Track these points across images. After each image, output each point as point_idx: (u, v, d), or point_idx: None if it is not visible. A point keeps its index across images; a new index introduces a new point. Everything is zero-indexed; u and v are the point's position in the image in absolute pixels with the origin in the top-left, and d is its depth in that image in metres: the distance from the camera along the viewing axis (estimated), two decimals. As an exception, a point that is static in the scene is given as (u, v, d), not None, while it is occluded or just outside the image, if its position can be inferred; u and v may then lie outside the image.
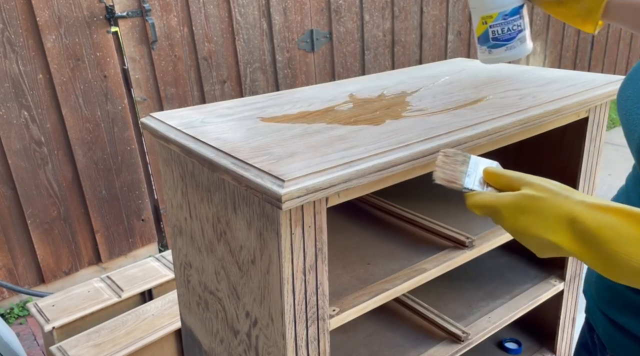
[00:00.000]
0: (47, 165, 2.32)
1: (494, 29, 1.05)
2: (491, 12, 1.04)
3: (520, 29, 1.05)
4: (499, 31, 1.05)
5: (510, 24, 1.04)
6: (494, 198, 0.64)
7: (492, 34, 1.06)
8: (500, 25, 1.04)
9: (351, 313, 0.86)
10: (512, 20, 1.04)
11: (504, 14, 1.03)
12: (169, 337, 1.59)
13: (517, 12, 1.03)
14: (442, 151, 0.72)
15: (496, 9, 1.03)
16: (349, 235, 1.10)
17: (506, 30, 1.04)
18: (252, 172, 0.71)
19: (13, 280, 2.35)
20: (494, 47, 1.07)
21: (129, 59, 2.45)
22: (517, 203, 0.61)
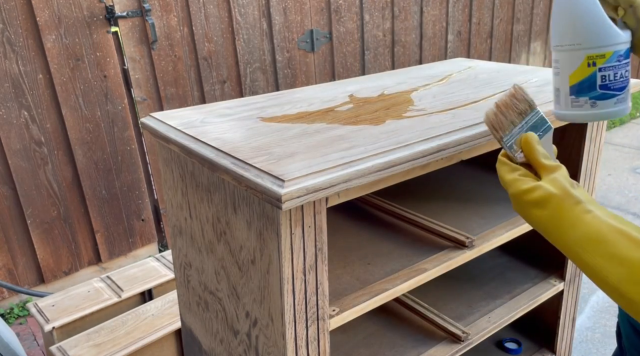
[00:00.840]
0: (47, 165, 2.32)
1: (605, 74, 0.78)
2: (604, 49, 0.77)
3: (627, 77, 0.81)
4: (611, 76, 0.78)
5: (623, 69, 0.79)
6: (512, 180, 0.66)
7: (602, 79, 0.79)
8: (613, 69, 0.78)
9: (351, 313, 0.86)
10: (625, 64, 0.79)
11: (618, 54, 0.78)
12: (169, 337, 1.59)
13: (628, 54, 0.79)
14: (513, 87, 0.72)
15: (611, 47, 0.77)
16: (349, 235, 1.10)
17: (619, 76, 0.79)
18: (252, 172, 0.71)
19: (13, 280, 2.35)
20: (601, 98, 0.80)
21: (129, 59, 2.45)
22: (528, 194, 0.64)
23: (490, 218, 1.12)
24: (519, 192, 0.65)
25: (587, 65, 0.78)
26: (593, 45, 0.77)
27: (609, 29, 0.76)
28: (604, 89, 0.79)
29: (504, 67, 1.30)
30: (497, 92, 1.06)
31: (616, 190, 3.43)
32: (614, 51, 0.77)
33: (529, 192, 0.64)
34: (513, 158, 0.72)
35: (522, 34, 4.22)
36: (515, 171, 0.68)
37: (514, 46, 4.19)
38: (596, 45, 0.77)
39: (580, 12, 0.77)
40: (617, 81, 0.79)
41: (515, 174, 0.67)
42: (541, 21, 4.32)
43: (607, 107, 0.80)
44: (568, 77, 0.80)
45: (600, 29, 0.76)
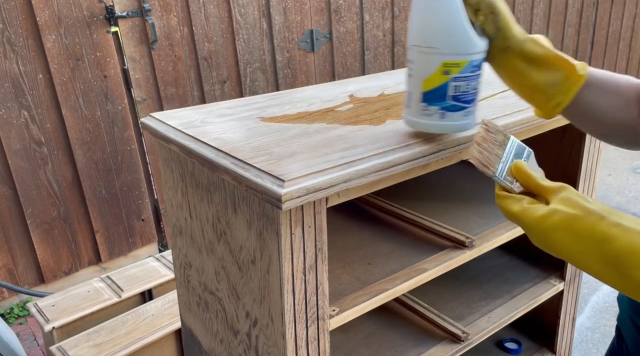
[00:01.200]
0: (47, 165, 2.32)
1: (458, 84, 0.72)
2: (460, 58, 0.71)
3: (479, 88, 0.75)
4: (463, 87, 0.73)
5: (475, 80, 0.73)
6: (522, 210, 0.62)
7: (454, 89, 0.73)
8: (467, 79, 0.72)
9: (351, 313, 0.86)
10: (478, 76, 0.74)
11: (473, 64, 0.72)
12: (169, 337, 1.59)
13: (480, 65, 0.74)
14: (484, 123, 0.68)
15: (467, 56, 0.71)
16: (349, 235, 1.10)
17: (471, 87, 0.73)
18: (252, 172, 0.71)
19: (13, 280, 2.35)
20: (450, 110, 0.74)
21: (129, 59, 2.45)
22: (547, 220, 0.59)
23: (490, 218, 1.12)
24: (536, 220, 0.60)
25: (442, 72, 0.72)
26: (450, 51, 0.71)
27: (468, 37, 0.70)
28: (454, 100, 0.73)
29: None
30: (497, 92, 1.06)
31: (616, 190, 3.43)
32: (469, 61, 0.71)
33: (546, 218, 0.59)
34: (511, 190, 0.67)
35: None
36: (521, 201, 0.63)
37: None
38: (453, 52, 0.71)
39: (442, 14, 0.70)
40: (469, 93, 0.73)
41: (524, 203, 0.62)
42: (541, 21, 4.32)
43: (455, 120, 0.75)
44: (422, 82, 0.74)
45: (459, 36, 0.70)
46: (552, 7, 4.36)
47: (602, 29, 4.91)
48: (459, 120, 0.75)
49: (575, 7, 4.56)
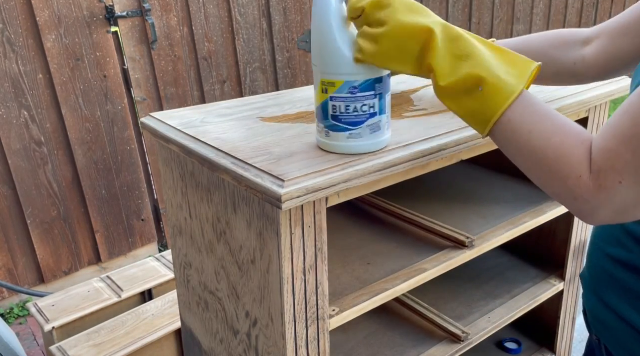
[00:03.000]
0: (47, 165, 2.32)
1: (336, 104, 0.72)
2: (334, 77, 0.70)
3: (373, 111, 0.72)
4: (342, 108, 0.72)
5: (359, 103, 0.71)
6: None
7: (333, 109, 0.72)
8: (345, 100, 0.71)
9: (351, 313, 0.86)
10: (363, 98, 0.71)
11: (351, 85, 0.70)
12: (169, 337, 1.59)
13: (371, 87, 0.71)
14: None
15: (341, 76, 0.70)
16: (349, 235, 1.10)
17: (352, 109, 0.71)
18: (252, 172, 0.71)
19: (13, 280, 2.35)
20: (333, 130, 0.74)
21: (129, 59, 2.45)
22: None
23: (490, 218, 1.12)
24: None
25: (322, 91, 0.72)
26: (325, 70, 0.71)
27: (340, 57, 0.69)
28: (335, 120, 0.73)
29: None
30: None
31: (616, 190, 3.42)
32: (344, 81, 0.70)
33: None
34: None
35: (522, 34, 4.22)
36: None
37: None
38: (327, 71, 0.71)
39: (320, 31, 0.70)
40: (350, 115, 0.72)
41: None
42: (541, 21, 4.32)
43: (339, 140, 0.74)
44: (315, 97, 0.75)
45: (332, 55, 0.70)
46: (552, 7, 4.36)
47: (602, 29, 4.91)
48: (343, 141, 0.74)
49: (575, 7, 4.56)
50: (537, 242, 1.33)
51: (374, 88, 0.71)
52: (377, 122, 0.74)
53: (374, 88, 0.71)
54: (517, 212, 1.14)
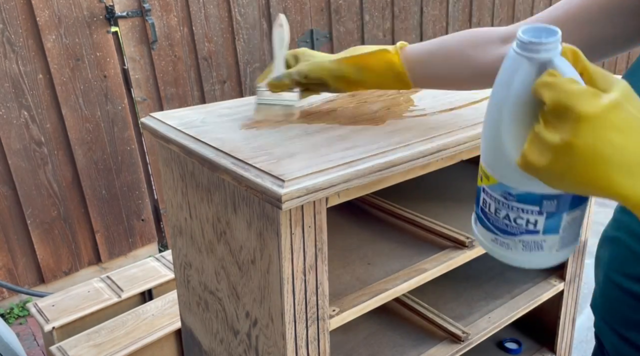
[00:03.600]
0: (47, 165, 2.32)
1: (486, 199, 0.56)
2: (490, 172, 0.54)
3: (532, 228, 0.53)
4: (491, 208, 0.55)
5: (512, 212, 0.53)
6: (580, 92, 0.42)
7: (483, 202, 0.57)
8: (495, 201, 0.54)
9: (351, 313, 0.86)
10: (520, 210, 0.53)
11: (506, 189, 0.52)
12: (169, 337, 1.59)
13: (536, 201, 0.51)
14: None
15: (497, 175, 0.53)
16: (349, 235, 1.10)
17: (502, 215, 0.54)
18: (252, 172, 0.71)
19: (13, 280, 2.35)
20: (481, 223, 0.59)
21: (129, 59, 2.45)
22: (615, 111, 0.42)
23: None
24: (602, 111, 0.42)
25: (479, 176, 0.57)
26: (484, 156, 0.55)
27: (498, 151, 0.51)
28: (482, 214, 0.58)
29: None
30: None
31: (616, 190, 3.42)
32: (498, 182, 0.53)
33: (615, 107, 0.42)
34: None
35: (522, 34, 4.22)
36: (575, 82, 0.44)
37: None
38: (485, 159, 0.55)
39: (492, 102, 0.52)
40: (500, 220, 0.55)
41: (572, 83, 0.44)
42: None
43: (484, 238, 0.58)
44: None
45: (491, 142, 0.52)
46: (552, 7, 4.36)
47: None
48: (487, 239, 0.58)
49: (575, 7, 4.56)
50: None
51: (541, 203, 0.51)
52: (536, 240, 0.54)
53: (541, 203, 0.51)
54: (517, 212, 1.14)
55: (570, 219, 0.53)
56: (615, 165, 0.41)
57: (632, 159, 0.41)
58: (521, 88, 0.47)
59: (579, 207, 0.52)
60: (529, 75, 0.47)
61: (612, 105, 0.41)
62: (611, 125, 0.41)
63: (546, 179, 0.46)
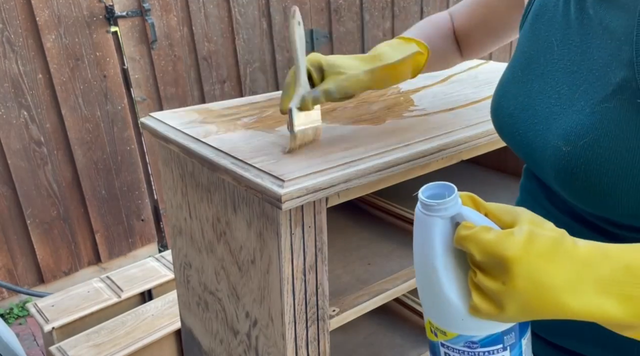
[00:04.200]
0: (47, 165, 2.32)
1: (449, 353, 0.55)
2: (444, 328, 0.54)
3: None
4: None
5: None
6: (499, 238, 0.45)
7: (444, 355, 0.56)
8: (461, 353, 0.54)
9: (351, 313, 0.86)
10: (487, 353, 0.54)
11: (468, 339, 0.53)
12: (169, 337, 1.59)
13: (498, 340, 0.53)
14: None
15: (454, 329, 0.53)
16: (349, 235, 1.10)
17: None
18: (252, 172, 0.71)
19: (13, 280, 2.35)
20: None
21: (129, 59, 2.45)
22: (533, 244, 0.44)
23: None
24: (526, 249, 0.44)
25: (431, 331, 0.56)
26: (429, 313, 0.55)
27: (447, 308, 0.51)
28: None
29: (504, 66, 1.30)
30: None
31: (616, 190, 3.42)
32: (458, 334, 0.53)
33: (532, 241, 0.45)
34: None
35: (522, 34, 4.22)
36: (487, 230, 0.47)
37: (514, 46, 4.19)
38: (432, 316, 0.54)
39: (422, 269, 0.55)
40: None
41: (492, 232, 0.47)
42: (541, 21, 4.32)
43: None
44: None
45: (436, 302, 0.53)
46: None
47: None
48: None
49: (575, 7, 4.56)
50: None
51: (502, 340, 0.53)
52: None
53: (502, 340, 0.53)
54: (517, 212, 1.14)
55: (526, 341, 0.55)
56: (558, 289, 0.44)
57: (569, 277, 0.44)
58: (444, 243, 0.51)
59: (527, 328, 0.55)
60: (445, 230, 0.51)
61: (528, 239, 0.44)
62: (537, 256, 0.44)
63: (506, 319, 0.48)
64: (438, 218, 0.51)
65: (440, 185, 0.53)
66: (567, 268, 0.44)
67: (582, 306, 0.44)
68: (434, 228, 0.52)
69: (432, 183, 0.53)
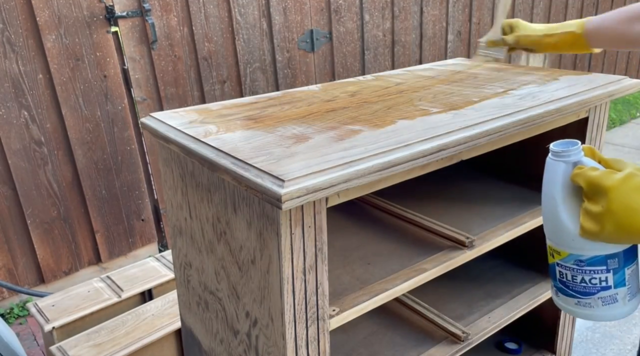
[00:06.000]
0: (47, 165, 2.32)
1: (562, 271, 0.72)
2: (559, 247, 0.71)
3: (605, 285, 0.69)
4: (569, 276, 0.71)
5: (587, 275, 0.69)
6: (601, 174, 0.62)
7: (560, 274, 0.73)
8: (571, 270, 0.70)
9: (351, 313, 0.86)
10: (592, 271, 0.69)
11: (577, 258, 0.69)
12: (169, 337, 1.59)
13: (602, 262, 0.69)
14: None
15: (566, 248, 0.70)
16: (349, 235, 1.10)
17: (579, 280, 0.70)
18: (252, 172, 0.71)
19: (13, 280, 2.35)
20: (562, 293, 0.74)
21: (129, 59, 2.45)
22: (628, 181, 0.60)
23: (490, 218, 1.12)
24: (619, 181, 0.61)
25: (550, 254, 0.73)
26: (550, 237, 0.72)
27: (562, 230, 0.68)
28: (562, 285, 0.73)
29: (504, 67, 1.30)
30: (497, 92, 1.06)
31: (616, 190, 3.42)
32: (569, 253, 0.69)
33: (628, 179, 0.61)
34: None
35: (522, 34, 4.22)
36: (595, 170, 0.65)
37: (514, 46, 4.19)
38: (552, 238, 0.72)
39: (546, 196, 0.71)
40: (578, 284, 0.70)
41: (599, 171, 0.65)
42: (541, 21, 4.32)
43: (568, 304, 0.74)
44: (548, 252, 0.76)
45: (555, 225, 0.70)
46: (552, 7, 4.36)
47: (602, 29, 4.90)
48: (572, 306, 0.73)
49: (575, 7, 4.56)
50: (537, 242, 1.33)
51: (606, 263, 0.68)
52: (611, 294, 0.70)
53: (606, 263, 0.68)
54: (517, 212, 1.14)
55: (630, 272, 0.70)
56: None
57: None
58: (564, 181, 0.67)
59: (634, 262, 0.70)
60: (566, 172, 0.67)
61: (626, 177, 0.60)
62: (630, 188, 0.60)
63: (606, 239, 0.63)
64: (562, 163, 0.67)
65: (567, 142, 0.69)
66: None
67: None
68: (558, 169, 0.68)
69: (561, 141, 0.70)
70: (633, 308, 0.71)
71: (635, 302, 0.72)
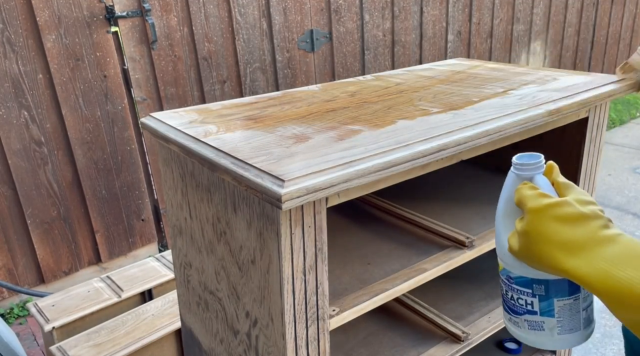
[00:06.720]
0: (47, 165, 2.32)
1: (500, 283, 0.70)
2: (499, 259, 0.68)
3: (531, 309, 0.65)
4: (504, 290, 0.68)
5: (515, 293, 0.66)
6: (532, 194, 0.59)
7: (500, 286, 0.70)
8: (505, 285, 0.67)
9: (351, 313, 0.86)
10: (519, 291, 0.66)
11: (507, 273, 0.67)
12: (169, 337, 1.59)
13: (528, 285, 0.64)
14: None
15: (501, 261, 0.68)
16: (349, 235, 1.10)
17: (509, 296, 0.67)
18: (252, 172, 0.71)
19: (13, 280, 2.35)
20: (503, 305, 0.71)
21: (129, 59, 2.45)
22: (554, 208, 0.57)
23: (490, 218, 1.12)
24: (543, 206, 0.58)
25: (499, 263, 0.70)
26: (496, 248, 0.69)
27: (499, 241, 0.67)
28: (502, 297, 0.70)
29: (504, 67, 1.30)
30: (497, 92, 1.06)
31: (616, 190, 3.43)
32: (503, 267, 0.67)
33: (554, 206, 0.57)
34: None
35: (522, 34, 4.22)
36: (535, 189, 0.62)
37: (514, 46, 4.19)
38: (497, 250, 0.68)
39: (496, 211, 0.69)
40: (509, 300, 0.67)
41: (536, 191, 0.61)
42: (541, 21, 4.32)
43: (504, 318, 0.70)
44: None
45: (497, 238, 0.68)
46: (552, 7, 4.36)
47: (602, 29, 4.91)
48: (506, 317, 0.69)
49: (575, 7, 4.56)
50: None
51: (532, 287, 0.64)
52: (537, 321, 0.65)
53: (532, 287, 0.64)
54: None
55: (563, 305, 0.64)
56: (555, 245, 0.56)
57: (569, 240, 0.55)
58: (510, 194, 0.65)
59: (569, 297, 0.64)
60: (515, 185, 0.65)
61: (553, 204, 0.57)
62: (551, 217, 0.57)
63: (521, 259, 0.61)
64: (515, 175, 0.65)
65: (531, 155, 0.66)
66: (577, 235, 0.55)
67: (575, 267, 0.54)
68: (509, 181, 0.66)
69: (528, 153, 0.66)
70: (566, 343, 0.66)
71: (568, 338, 0.65)
